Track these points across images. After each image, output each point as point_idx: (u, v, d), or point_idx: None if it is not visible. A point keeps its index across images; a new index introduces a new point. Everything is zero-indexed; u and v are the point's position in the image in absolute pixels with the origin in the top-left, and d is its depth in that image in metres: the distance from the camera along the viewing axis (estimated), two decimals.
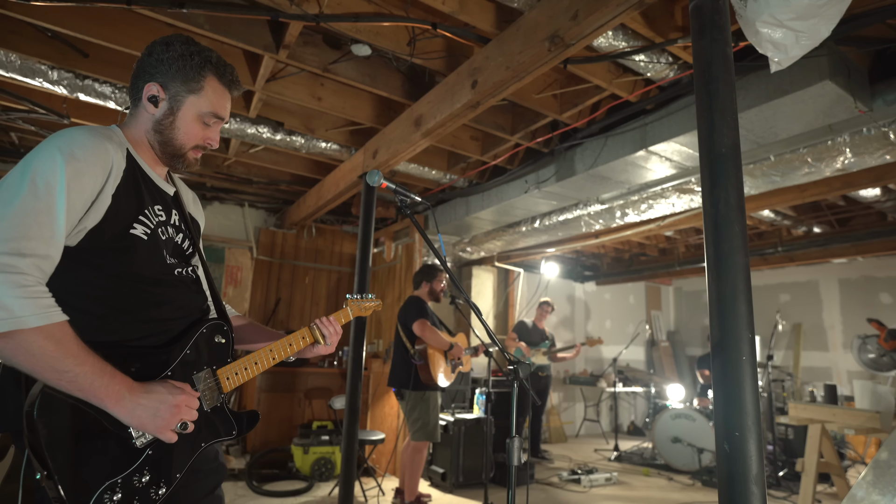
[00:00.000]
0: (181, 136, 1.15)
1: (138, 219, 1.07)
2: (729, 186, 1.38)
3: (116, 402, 0.93)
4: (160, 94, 1.13)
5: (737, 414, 1.25)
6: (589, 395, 7.78)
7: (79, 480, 0.89)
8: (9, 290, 0.85)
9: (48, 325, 0.88)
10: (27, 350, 0.86)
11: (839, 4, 1.58)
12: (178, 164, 1.19)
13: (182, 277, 1.16)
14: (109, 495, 0.91)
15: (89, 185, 0.98)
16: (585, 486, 4.57)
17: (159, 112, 1.14)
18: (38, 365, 0.87)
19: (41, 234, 0.90)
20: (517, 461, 1.66)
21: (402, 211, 1.79)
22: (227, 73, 1.19)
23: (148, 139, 1.15)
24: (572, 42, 2.04)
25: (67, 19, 2.41)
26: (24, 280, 0.87)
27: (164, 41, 1.15)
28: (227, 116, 1.22)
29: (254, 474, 4.28)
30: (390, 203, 5.08)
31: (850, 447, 5.32)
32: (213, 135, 1.20)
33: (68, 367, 0.88)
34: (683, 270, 6.89)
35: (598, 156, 3.37)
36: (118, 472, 0.94)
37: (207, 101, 1.16)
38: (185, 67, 1.13)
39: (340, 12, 2.38)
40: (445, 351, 3.64)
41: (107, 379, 0.92)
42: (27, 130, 3.74)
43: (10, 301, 0.84)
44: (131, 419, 0.95)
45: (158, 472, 0.99)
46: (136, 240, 1.05)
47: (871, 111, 2.52)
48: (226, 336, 1.19)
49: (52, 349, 0.87)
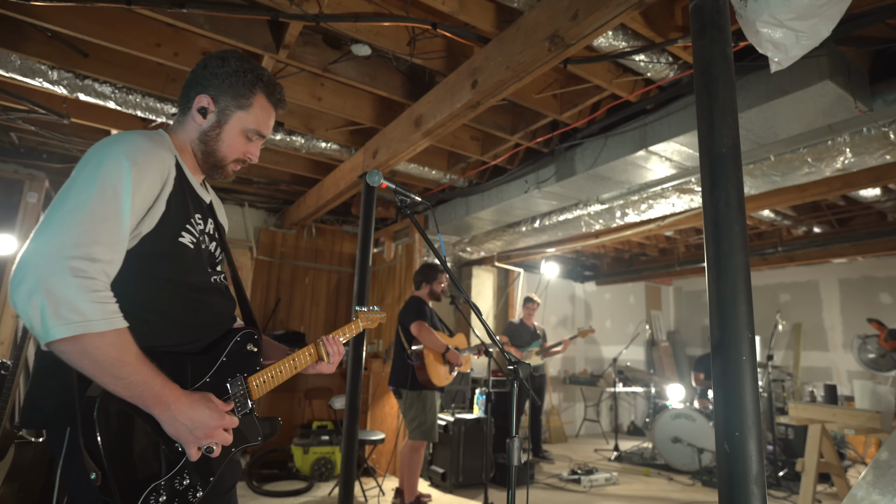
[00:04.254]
0: (225, 148, 1.20)
1: (185, 227, 1.11)
2: (729, 186, 1.38)
3: (162, 411, 0.95)
4: (210, 107, 1.18)
5: (737, 414, 1.25)
6: (589, 395, 7.78)
7: (129, 481, 0.91)
8: (82, 293, 0.87)
9: (112, 330, 0.90)
10: (91, 355, 0.88)
11: (839, 4, 1.58)
12: (216, 174, 1.24)
13: (217, 284, 1.21)
14: (155, 497, 0.93)
15: (150, 191, 1.02)
16: (585, 486, 4.57)
17: (207, 123, 1.18)
18: (99, 370, 0.89)
19: (108, 239, 0.93)
20: (517, 461, 1.66)
21: (402, 211, 1.79)
22: (276, 93, 1.24)
23: (192, 147, 1.20)
24: (572, 42, 2.04)
25: (67, 19, 2.41)
26: (95, 285, 0.90)
27: (219, 55, 1.20)
28: (269, 134, 1.27)
29: (254, 474, 4.28)
30: (390, 203, 5.08)
31: (850, 447, 5.32)
32: (254, 150, 1.25)
33: (125, 375, 0.91)
34: (683, 270, 6.89)
35: (598, 156, 3.37)
36: (163, 475, 0.96)
37: (254, 117, 1.21)
38: (237, 83, 1.18)
39: (340, 12, 2.38)
40: (442, 353, 3.64)
41: (157, 388, 0.95)
42: (27, 130, 3.74)
43: (84, 305, 0.87)
44: (170, 428, 0.97)
45: (196, 475, 1.02)
46: (183, 247, 1.10)
47: (871, 111, 2.51)
48: (257, 345, 1.24)
49: (114, 355, 0.90)
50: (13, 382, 2.61)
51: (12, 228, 4.11)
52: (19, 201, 4.19)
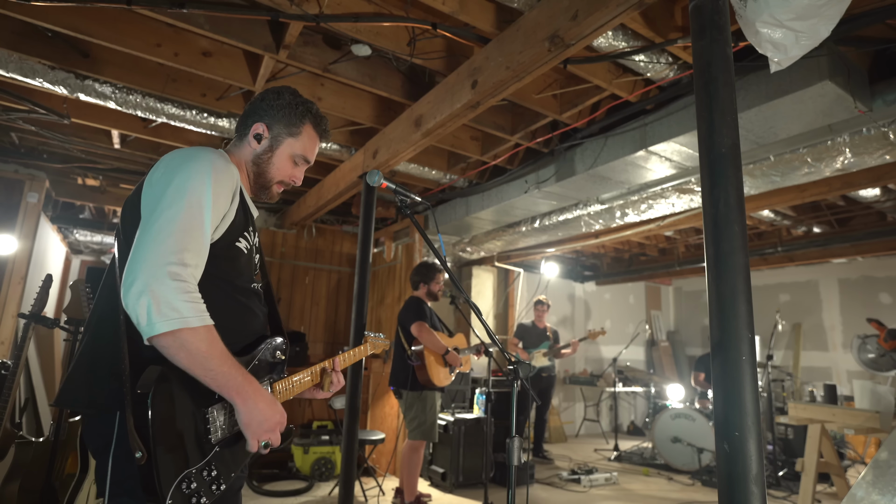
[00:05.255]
0: (274, 170, 1.35)
1: (243, 234, 1.25)
2: (729, 186, 1.38)
3: (244, 402, 1.07)
4: (264, 133, 1.33)
5: (737, 414, 1.25)
6: (589, 394, 7.78)
7: (168, 465, 0.98)
8: (178, 294, 1.00)
9: (203, 326, 1.02)
10: (187, 348, 1.00)
11: (839, 4, 1.58)
12: (263, 194, 1.37)
13: (257, 291, 1.33)
14: (187, 483, 1.00)
15: (224, 204, 1.17)
16: (585, 486, 4.58)
17: (260, 148, 1.34)
18: (193, 362, 1.01)
19: (196, 247, 1.07)
20: (517, 461, 1.67)
21: (402, 211, 1.79)
22: (322, 124, 1.41)
23: (246, 168, 1.35)
24: (572, 42, 2.04)
25: (67, 19, 2.41)
26: (188, 287, 1.03)
27: (275, 90, 1.36)
28: (313, 160, 1.42)
29: (254, 474, 4.29)
30: (390, 203, 5.08)
31: (849, 447, 5.32)
32: (299, 174, 1.39)
33: (213, 367, 1.03)
34: (683, 270, 6.89)
35: (598, 156, 3.37)
36: (194, 463, 1.03)
37: (302, 144, 1.36)
38: (289, 114, 1.34)
39: (340, 12, 2.38)
40: (443, 355, 3.65)
41: (240, 380, 1.07)
42: (27, 130, 3.74)
43: (180, 304, 1.00)
44: (245, 417, 1.08)
45: (221, 469, 1.09)
46: (239, 251, 1.23)
47: (870, 111, 2.51)
48: (284, 353, 1.34)
49: (205, 349, 1.02)
50: (13, 382, 2.61)
51: (12, 229, 4.11)
52: (20, 201, 4.19)
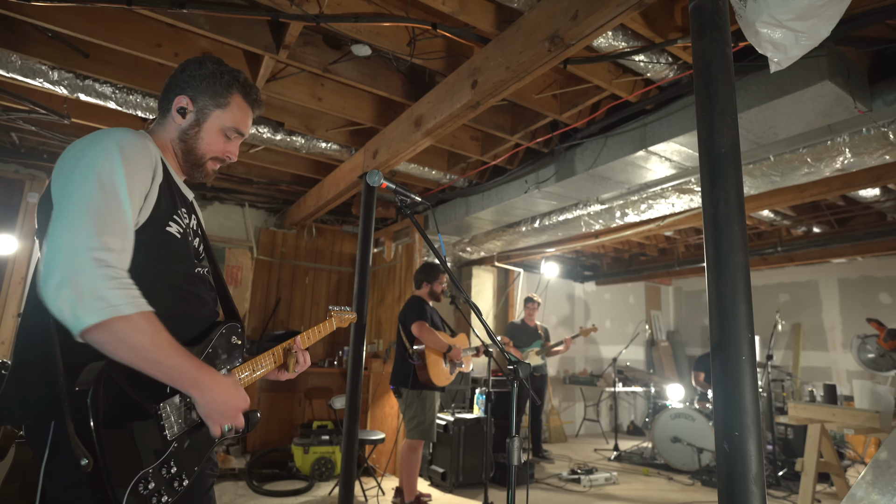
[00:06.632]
0: (203, 146, 1.24)
1: (173, 218, 1.15)
2: (729, 186, 1.38)
3: (201, 393, 1.02)
4: (189, 107, 1.22)
5: (736, 414, 1.25)
6: (589, 394, 7.78)
7: (119, 468, 0.92)
8: (104, 282, 0.91)
9: (138, 313, 0.93)
10: (127, 342, 0.92)
11: (839, 4, 1.58)
12: (196, 173, 1.27)
13: (202, 276, 1.24)
14: (144, 484, 0.95)
15: (142, 183, 1.06)
16: (585, 485, 4.58)
17: (186, 123, 1.23)
18: (136, 356, 0.94)
19: (119, 229, 0.97)
20: (517, 461, 1.67)
21: (402, 211, 1.79)
22: (252, 93, 1.30)
23: (172, 147, 1.24)
24: (572, 42, 2.04)
25: (67, 19, 2.41)
26: (115, 273, 0.94)
27: (196, 60, 1.25)
28: (248, 133, 1.32)
29: (254, 474, 4.29)
30: (390, 203, 5.08)
31: (849, 447, 5.32)
32: (233, 148, 1.30)
33: (161, 359, 0.96)
34: (683, 270, 6.89)
35: (598, 156, 3.37)
36: (150, 463, 0.97)
37: (231, 115, 1.25)
38: (214, 84, 1.23)
39: (340, 12, 2.38)
40: (444, 352, 3.65)
41: (193, 370, 1.00)
42: (28, 130, 3.74)
43: (107, 292, 0.91)
44: (204, 408, 1.04)
45: (181, 464, 1.04)
46: (171, 237, 1.13)
47: (870, 111, 2.52)
48: (240, 337, 1.27)
49: (147, 341, 0.94)
50: None
51: (13, 228, 4.11)
52: (20, 201, 4.20)
